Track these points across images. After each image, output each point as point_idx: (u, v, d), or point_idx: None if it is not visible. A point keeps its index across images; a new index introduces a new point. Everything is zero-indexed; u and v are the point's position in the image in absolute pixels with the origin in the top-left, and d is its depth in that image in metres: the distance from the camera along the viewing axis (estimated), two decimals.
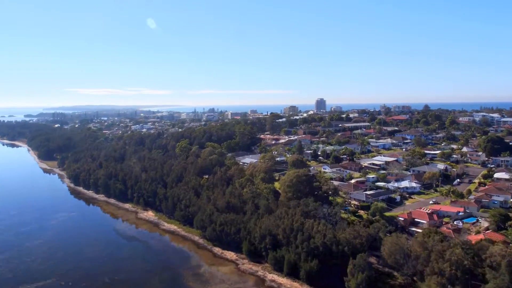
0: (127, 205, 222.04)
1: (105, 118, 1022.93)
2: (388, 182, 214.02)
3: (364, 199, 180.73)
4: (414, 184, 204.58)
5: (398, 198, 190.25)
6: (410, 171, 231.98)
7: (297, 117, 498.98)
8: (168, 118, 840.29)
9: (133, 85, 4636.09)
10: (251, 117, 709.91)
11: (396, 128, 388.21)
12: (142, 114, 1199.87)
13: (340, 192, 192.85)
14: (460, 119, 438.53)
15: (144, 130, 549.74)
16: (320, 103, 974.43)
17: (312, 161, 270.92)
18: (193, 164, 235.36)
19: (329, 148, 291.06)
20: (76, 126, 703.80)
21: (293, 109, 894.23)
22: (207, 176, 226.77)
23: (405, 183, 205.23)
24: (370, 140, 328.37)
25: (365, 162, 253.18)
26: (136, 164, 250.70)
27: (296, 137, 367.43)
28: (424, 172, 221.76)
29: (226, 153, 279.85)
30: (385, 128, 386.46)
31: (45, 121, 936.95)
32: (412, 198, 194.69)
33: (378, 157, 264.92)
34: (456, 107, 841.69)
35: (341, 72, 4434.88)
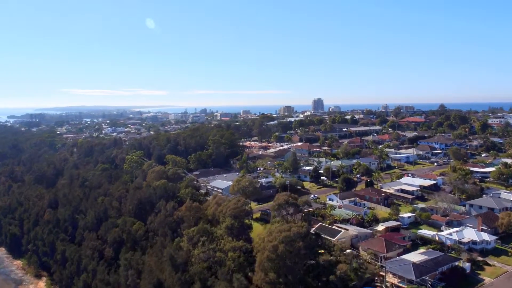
0: (17, 264, 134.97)
1: (88, 120, 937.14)
2: (437, 226, 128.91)
3: (413, 278, 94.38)
4: (485, 236, 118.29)
5: (467, 267, 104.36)
6: (463, 205, 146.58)
7: (292, 119, 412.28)
8: (152, 120, 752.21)
9: (129, 86, 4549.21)
10: (242, 118, 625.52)
11: (415, 133, 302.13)
12: (131, 115, 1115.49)
13: (363, 253, 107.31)
14: (490, 121, 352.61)
15: (114, 134, 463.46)
16: (318, 103, 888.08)
17: (311, 184, 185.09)
18: (129, 194, 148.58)
19: (335, 163, 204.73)
20: (48, 129, 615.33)
21: (289, 109, 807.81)
22: (157, 212, 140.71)
23: (469, 234, 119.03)
24: (387, 149, 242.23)
25: (391, 188, 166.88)
26: (50, 191, 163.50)
27: (290, 145, 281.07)
28: (491, 209, 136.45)
29: (185, 174, 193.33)
30: (402, 133, 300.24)
31: (20, 122, 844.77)
32: (489, 264, 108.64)
33: (408, 179, 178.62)
34: (463, 107, 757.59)
35: (338, 72, 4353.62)
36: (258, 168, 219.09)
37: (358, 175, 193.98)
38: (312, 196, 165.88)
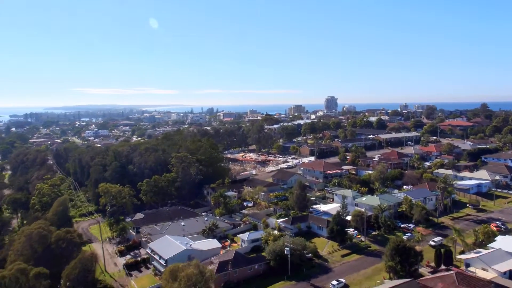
0: None
1: (86, 119, 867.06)
2: None
3: None
4: None
5: None
6: None
7: (302, 121, 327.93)
8: (149, 120, 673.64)
9: (140, 85, 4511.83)
10: (247, 118, 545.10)
11: (469, 143, 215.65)
12: (136, 115, 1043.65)
13: None
14: None
15: (91, 138, 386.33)
16: (331, 102, 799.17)
17: (331, 244, 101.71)
18: None
19: (369, 201, 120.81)
20: (26, 130, 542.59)
21: (299, 109, 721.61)
22: None
23: None
24: (442, 171, 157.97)
25: (488, 267, 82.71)
26: None
27: (297, 160, 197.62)
28: None
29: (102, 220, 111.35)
30: (452, 142, 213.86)
31: (12, 123, 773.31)
32: None
33: (509, 241, 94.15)
34: (492, 107, 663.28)
35: (350, 71, 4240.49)
36: (245, 204, 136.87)
37: (411, 225, 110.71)
38: (335, 283, 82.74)
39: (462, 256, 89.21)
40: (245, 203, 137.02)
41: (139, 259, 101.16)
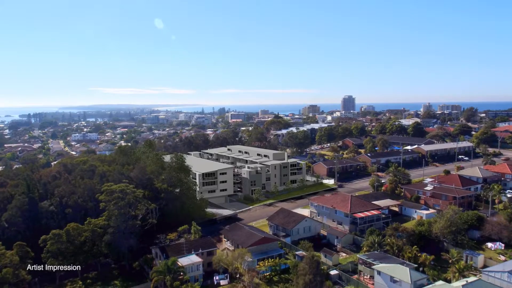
0: None
1: (92, 119, 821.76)
2: None
3: None
4: None
5: None
6: None
7: (316, 126, 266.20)
8: (152, 121, 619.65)
9: (159, 85, 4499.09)
10: (256, 120, 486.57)
11: None
12: (141, 115, 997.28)
13: None
14: None
15: (73, 143, 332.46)
16: (348, 101, 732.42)
17: None
18: None
19: None
20: (14, 131, 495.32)
21: (314, 109, 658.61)
22: None
23: None
24: None
25: None
26: None
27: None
28: None
29: None
30: None
31: (13, 123, 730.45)
32: None
33: None
34: (498, 106, 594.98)
35: (368, 70, 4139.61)
36: (216, 278, 77.17)
37: None
38: None
39: None
40: (216, 278, 77.48)
41: None
